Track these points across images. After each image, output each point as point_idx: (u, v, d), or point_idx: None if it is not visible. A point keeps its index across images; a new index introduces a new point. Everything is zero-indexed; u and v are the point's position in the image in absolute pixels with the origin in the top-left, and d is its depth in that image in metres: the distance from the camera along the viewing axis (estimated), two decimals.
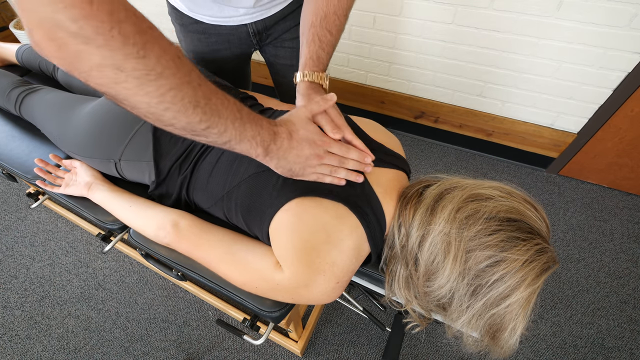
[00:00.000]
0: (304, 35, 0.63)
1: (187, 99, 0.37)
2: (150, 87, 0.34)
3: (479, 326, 0.49)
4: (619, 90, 1.26)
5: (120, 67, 0.32)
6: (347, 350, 1.15)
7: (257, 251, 0.57)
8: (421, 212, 0.53)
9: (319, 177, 0.53)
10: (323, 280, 0.51)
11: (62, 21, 0.28)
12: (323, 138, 0.53)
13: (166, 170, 0.67)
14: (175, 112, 0.37)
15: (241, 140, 0.45)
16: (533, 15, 1.21)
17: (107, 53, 0.31)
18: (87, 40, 0.29)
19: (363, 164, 0.55)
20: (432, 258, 0.51)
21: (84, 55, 0.30)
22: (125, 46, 0.31)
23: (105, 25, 0.29)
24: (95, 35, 0.29)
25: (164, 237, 0.62)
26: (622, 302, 1.24)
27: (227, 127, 0.42)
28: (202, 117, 0.39)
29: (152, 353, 1.15)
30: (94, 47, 0.30)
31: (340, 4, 0.59)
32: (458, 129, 1.70)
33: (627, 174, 1.50)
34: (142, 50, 0.32)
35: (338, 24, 0.60)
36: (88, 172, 0.76)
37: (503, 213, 0.48)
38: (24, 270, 1.34)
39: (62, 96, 0.84)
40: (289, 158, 0.51)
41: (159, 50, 0.34)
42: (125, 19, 0.31)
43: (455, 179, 0.56)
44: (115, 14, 0.30)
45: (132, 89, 0.34)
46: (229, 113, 0.42)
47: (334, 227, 0.51)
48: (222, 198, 0.61)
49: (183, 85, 0.36)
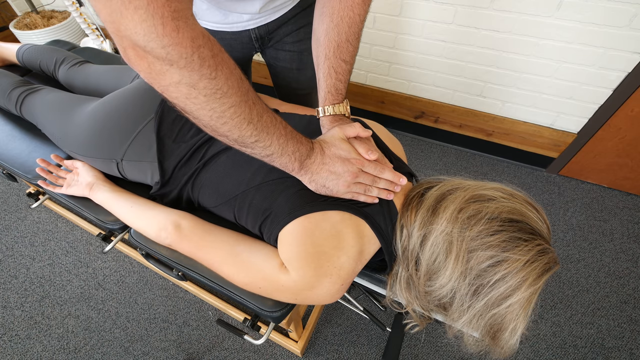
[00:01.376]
0: (319, 67, 0.62)
1: (243, 115, 0.42)
2: (215, 103, 0.39)
3: (479, 326, 0.50)
4: (619, 90, 1.26)
5: (194, 85, 0.37)
6: (347, 350, 1.15)
7: (261, 252, 0.57)
8: (422, 212, 0.53)
9: (354, 196, 0.55)
10: (329, 283, 0.52)
11: (154, 47, 0.33)
12: (357, 157, 0.55)
13: (170, 170, 0.67)
14: (232, 126, 0.42)
15: (282, 155, 0.49)
16: (533, 15, 1.21)
17: (186, 73, 0.36)
18: (172, 62, 0.34)
19: (394, 184, 0.57)
20: (433, 257, 0.51)
21: (167, 73, 0.36)
22: (202, 68, 0.36)
23: (188, 50, 0.34)
24: (179, 58, 0.34)
25: (166, 238, 0.62)
26: (622, 302, 1.24)
27: (273, 142, 0.47)
28: (253, 132, 0.44)
29: (152, 353, 1.15)
30: (177, 68, 0.35)
31: (352, 30, 0.58)
32: (458, 129, 1.70)
33: (627, 174, 1.50)
34: (214, 72, 0.37)
35: (351, 50, 0.60)
36: (90, 173, 0.76)
37: (505, 214, 0.49)
38: (24, 270, 1.34)
39: (63, 96, 0.84)
40: (321, 173, 0.53)
41: (227, 72, 0.39)
42: (203, 44, 0.36)
43: (457, 181, 0.57)
44: (196, 40, 0.35)
45: (199, 104, 0.39)
46: (275, 130, 0.46)
47: (346, 234, 0.53)
48: (235, 197, 0.61)
49: (242, 103, 0.41)
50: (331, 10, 0.57)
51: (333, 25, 0.58)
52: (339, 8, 0.56)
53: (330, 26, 0.58)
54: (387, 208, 0.56)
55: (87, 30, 1.94)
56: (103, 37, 2.03)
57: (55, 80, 1.05)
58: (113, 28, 0.33)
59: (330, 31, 0.58)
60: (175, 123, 0.70)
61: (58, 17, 2.13)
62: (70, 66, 0.99)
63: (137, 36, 0.32)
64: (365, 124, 0.68)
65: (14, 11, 2.29)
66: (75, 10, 1.84)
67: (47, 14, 2.16)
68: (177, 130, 0.69)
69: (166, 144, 0.68)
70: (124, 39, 0.34)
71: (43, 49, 1.06)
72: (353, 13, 0.56)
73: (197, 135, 0.68)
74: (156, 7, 0.31)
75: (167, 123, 0.69)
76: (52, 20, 2.11)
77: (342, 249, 0.52)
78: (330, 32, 0.58)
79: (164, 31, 0.32)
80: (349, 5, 0.56)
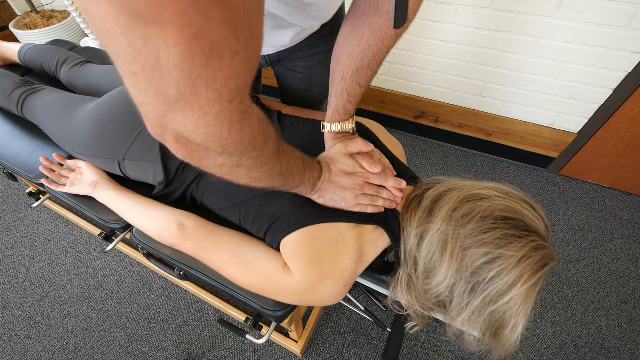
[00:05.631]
0: (333, 84, 0.61)
1: (276, 171, 0.43)
2: (255, 173, 0.40)
3: (479, 323, 0.50)
4: (619, 90, 1.26)
5: (239, 165, 0.36)
6: (347, 350, 1.15)
7: (265, 253, 0.57)
8: (420, 213, 0.55)
9: (362, 208, 0.56)
10: (331, 285, 0.52)
11: (211, 146, 0.31)
12: (362, 170, 0.56)
13: (174, 170, 0.67)
14: (265, 183, 0.43)
15: (300, 184, 0.50)
16: (533, 15, 1.21)
17: (235, 159, 0.35)
18: (223, 153, 0.33)
19: (395, 195, 0.58)
20: (430, 256, 0.52)
21: (212, 158, 0.34)
22: (252, 153, 0.35)
23: (246, 146, 0.33)
24: (234, 152, 0.33)
25: (169, 238, 0.62)
26: (622, 302, 1.24)
27: (295, 180, 0.48)
28: (282, 180, 0.46)
29: (152, 353, 1.14)
30: (226, 157, 0.34)
31: (375, 59, 0.56)
32: (458, 129, 1.70)
33: (627, 174, 1.50)
34: (261, 151, 0.36)
35: (370, 75, 0.59)
36: (94, 172, 0.76)
37: (498, 212, 0.50)
38: (23, 270, 1.33)
39: (65, 96, 0.84)
40: (329, 189, 0.54)
41: (271, 145, 0.38)
42: (259, 133, 0.34)
43: (454, 181, 0.58)
44: (255, 134, 0.33)
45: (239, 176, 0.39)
46: (297, 170, 0.48)
47: (351, 239, 0.54)
48: (243, 203, 0.61)
49: (276, 164, 0.42)
50: (361, 35, 0.55)
51: (359, 51, 0.56)
52: (369, 37, 0.54)
53: (355, 51, 0.56)
54: (392, 213, 0.58)
55: (87, 30, 1.94)
56: None
57: (56, 80, 1.05)
58: (155, 118, 0.28)
59: (353, 56, 0.56)
60: None
61: (58, 17, 2.13)
62: (71, 66, 0.99)
63: (193, 137, 0.29)
64: (364, 126, 0.68)
65: (14, 11, 2.29)
66: (75, 10, 1.84)
67: (47, 13, 2.16)
68: None
69: None
70: (167, 130, 0.29)
71: (45, 48, 1.06)
72: (382, 45, 0.54)
73: None
74: (228, 113, 0.28)
75: None
76: (52, 20, 2.10)
77: (345, 253, 0.53)
78: (354, 57, 0.56)
79: (229, 134, 0.30)
80: (381, 37, 0.53)
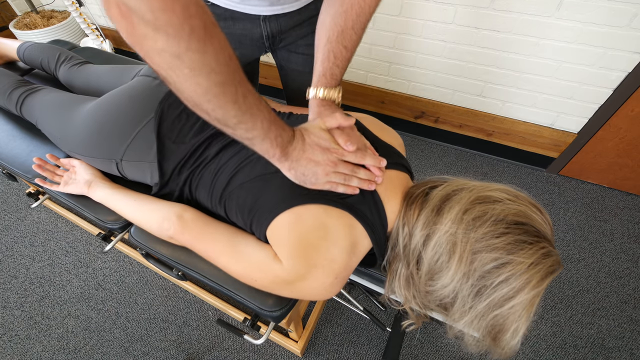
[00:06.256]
0: (318, 50, 0.61)
1: (228, 95, 0.39)
2: (201, 79, 0.36)
3: (481, 327, 0.50)
4: (619, 90, 1.26)
5: (179, 56, 0.34)
6: (347, 350, 1.15)
7: (256, 243, 0.58)
8: (427, 211, 0.53)
9: (332, 186, 0.53)
10: (321, 275, 0.51)
11: (141, 9, 0.30)
12: (336, 147, 0.54)
13: (170, 172, 0.67)
14: (216, 105, 0.40)
15: (264, 139, 0.47)
16: (533, 15, 1.21)
17: (173, 42, 0.32)
18: (158, 28, 0.31)
19: (374, 175, 0.55)
20: (436, 258, 0.51)
21: (150, 38, 0.32)
22: (190, 40, 0.33)
23: (178, 18, 0.31)
24: (166, 25, 0.31)
25: (168, 229, 0.62)
26: (622, 302, 1.24)
27: (255, 126, 0.45)
28: (236, 112, 0.42)
29: (152, 353, 1.14)
30: (162, 35, 0.32)
31: (359, 19, 0.57)
32: (458, 129, 1.70)
33: (627, 174, 1.50)
34: (203, 45, 0.34)
35: (355, 38, 0.59)
36: (88, 171, 0.76)
37: (511, 216, 0.49)
38: (23, 270, 1.33)
39: (63, 96, 0.84)
40: (301, 161, 0.52)
41: (218, 47, 0.36)
42: (195, 14, 0.32)
43: (462, 181, 0.56)
44: (188, 9, 0.31)
45: (183, 77, 0.36)
46: (259, 113, 0.44)
47: (333, 227, 0.52)
48: (223, 197, 0.62)
49: (228, 83, 0.39)
50: None
51: (342, 11, 0.56)
52: None
53: (338, 11, 0.57)
54: (372, 199, 0.56)
55: (87, 30, 1.94)
56: (103, 37, 2.04)
57: (55, 79, 1.05)
58: None
59: (337, 16, 0.57)
60: (175, 124, 0.69)
61: (58, 17, 2.14)
62: (70, 66, 0.99)
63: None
64: (357, 121, 0.66)
65: (14, 11, 2.29)
66: (75, 10, 1.84)
67: (47, 13, 2.16)
68: (177, 131, 0.69)
69: (166, 145, 0.68)
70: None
71: (45, 47, 1.05)
72: (364, 3, 0.55)
73: (196, 137, 0.68)
74: None
75: (167, 123, 0.69)
76: (52, 20, 2.11)
77: (329, 240, 0.51)
78: (337, 17, 0.57)
79: None
80: None
